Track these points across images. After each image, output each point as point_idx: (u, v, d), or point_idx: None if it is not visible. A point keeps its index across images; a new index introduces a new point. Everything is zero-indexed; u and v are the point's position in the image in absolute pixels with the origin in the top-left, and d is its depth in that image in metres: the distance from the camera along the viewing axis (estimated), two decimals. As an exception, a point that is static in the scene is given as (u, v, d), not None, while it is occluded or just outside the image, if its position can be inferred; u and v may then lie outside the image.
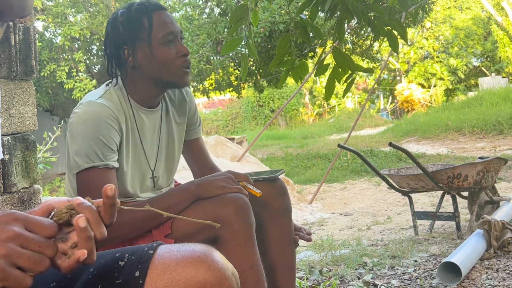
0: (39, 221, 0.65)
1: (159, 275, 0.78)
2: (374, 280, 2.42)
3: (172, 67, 1.48)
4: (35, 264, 0.62)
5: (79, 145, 1.38)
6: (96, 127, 1.38)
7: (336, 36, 2.17)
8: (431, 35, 23.91)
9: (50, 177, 10.76)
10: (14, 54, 1.84)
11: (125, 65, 1.49)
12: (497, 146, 10.28)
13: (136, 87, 1.51)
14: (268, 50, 9.49)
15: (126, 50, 1.47)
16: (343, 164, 9.60)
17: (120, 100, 1.49)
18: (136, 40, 1.46)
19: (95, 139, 1.38)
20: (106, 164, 1.38)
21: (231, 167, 6.67)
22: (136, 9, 1.47)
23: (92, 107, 1.41)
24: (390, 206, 5.74)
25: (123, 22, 1.47)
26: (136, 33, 1.46)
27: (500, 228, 2.77)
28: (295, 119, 23.38)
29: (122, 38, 1.47)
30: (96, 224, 0.68)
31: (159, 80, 1.49)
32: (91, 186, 1.35)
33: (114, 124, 1.42)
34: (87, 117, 1.40)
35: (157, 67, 1.47)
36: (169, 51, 1.47)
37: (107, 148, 1.39)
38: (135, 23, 1.46)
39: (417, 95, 22.03)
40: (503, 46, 22.22)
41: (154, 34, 1.46)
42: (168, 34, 1.47)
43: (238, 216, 1.35)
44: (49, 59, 10.27)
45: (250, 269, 1.36)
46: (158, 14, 1.47)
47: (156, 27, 1.46)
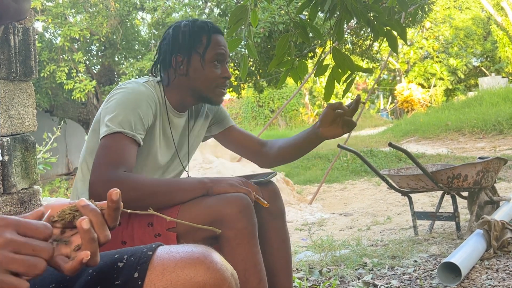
0: (32, 224, 0.64)
1: (158, 276, 0.78)
2: (374, 280, 2.42)
3: (213, 85, 1.61)
4: (30, 268, 0.62)
5: (116, 114, 1.45)
6: (137, 101, 1.49)
7: (336, 36, 2.17)
8: (431, 35, 23.92)
9: (50, 177, 10.77)
10: (14, 55, 1.84)
11: (172, 69, 1.61)
12: (497, 146, 10.28)
13: (177, 91, 1.63)
14: (268, 50, 9.49)
15: (179, 57, 1.60)
16: (343, 164, 9.60)
17: (158, 96, 1.60)
18: (191, 52, 1.59)
19: (133, 111, 1.47)
20: (133, 135, 1.44)
21: (230, 167, 6.67)
22: (199, 26, 1.61)
23: (138, 85, 1.54)
24: (390, 206, 5.74)
25: (184, 33, 1.60)
26: (193, 46, 1.59)
27: (500, 228, 2.77)
28: (295, 119, 23.38)
29: (179, 46, 1.60)
30: (100, 227, 0.68)
31: (199, 92, 1.62)
32: (112, 147, 1.40)
33: (152, 105, 1.53)
34: (131, 91, 1.51)
35: (202, 81, 1.60)
36: (216, 70, 1.61)
37: (140, 123, 1.47)
38: (195, 37, 1.60)
39: (417, 95, 22.04)
40: (503, 46, 22.22)
41: (209, 51, 1.60)
42: (219, 55, 1.61)
43: (242, 215, 1.36)
44: (48, 60, 10.27)
45: (253, 268, 1.37)
46: (216, 36, 1.62)
47: (212, 46, 1.60)
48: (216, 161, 6.98)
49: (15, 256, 0.61)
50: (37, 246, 0.63)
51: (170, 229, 1.40)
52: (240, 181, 1.46)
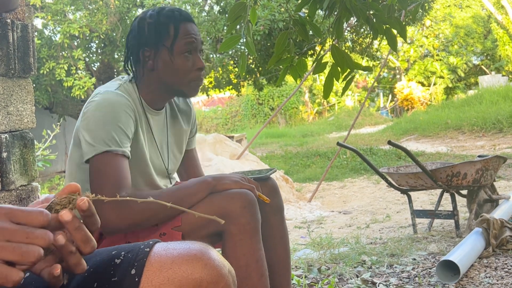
0: (26, 211, 0.62)
1: (155, 273, 0.78)
2: (373, 278, 2.42)
3: (186, 78, 1.53)
4: (23, 256, 0.59)
5: (97, 131, 1.39)
6: (115, 114, 1.41)
7: (335, 34, 2.17)
8: (431, 33, 23.90)
9: (49, 174, 10.77)
10: (12, 52, 1.84)
11: (142, 65, 1.53)
12: (497, 144, 10.29)
13: (148, 88, 1.55)
14: (268, 48, 9.48)
15: (146, 52, 1.51)
16: (342, 162, 9.60)
17: (132, 96, 1.53)
18: (159, 45, 1.50)
19: (113, 125, 1.39)
20: (123, 151, 1.39)
21: (230, 165, 6.67)
22: (165, 15, 1.51)
23: (111, 96, 1.44)
24: (389, 204, 5.74)
25: (150, 24, 1.51)
26: (160, 38, 1.50)
27: (498, 226, 2.77)
28: (295, 117, 23.39)
29: (146, 40, 1.51)
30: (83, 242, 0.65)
31: (171, 87, 1.54)
32: (106, 170, 1.36)
33: (131, 113, 1.45)
34: (106, 104, 1.42)
35: (172, 75, 1.52)
36: (187, 62, 1.52)
37: (124, 136, 1.41)
38: (162, 28, 1.50)
39: (416, 94, 22.04)
40: (503, 44, 22.21)
41: (177, 43, 1.50)
42: (189, 45, 1.52)
43: (246, 211, 1.37)
44: (48, 57, 10.26)
45: (255, 263, 1.37)
46: (185, 24, 1.52)
47: (180, 37, 1.50)
48: (215, 158, 6.98)
49: (5, 244, 0.58)
50: (31, 233, 0.60)
51: (175, 228, 1.40)
52: (243, 178, 1.47)
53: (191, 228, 1.39)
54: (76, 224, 0.65)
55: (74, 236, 0.65)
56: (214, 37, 9.82)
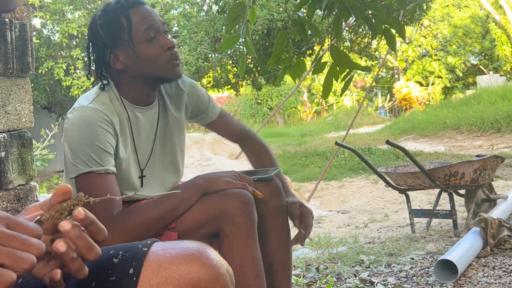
0: (23, 222, 0.62)
1: (153, 272, 0.78)
2: (371, 277, 2.42)
3: (159, 63, 1.44)
4: (17, 261, 0.58)
5: (76, 151, 1.36)
6: (91, 132, 1.36)
7: (334, 34, 2.17)
8: (429, 33, 23.92)
9: (47, 174, 10.75)
10: (10, 51, 1.84)
11: (113, 68, 1.47)
12: (495, 144, 10.30)
13: (127, 88, 1.48)
14: (266, 47, 9.49)
15: (110, 54, 1.44)
16: (340, 162, 9.61)
17: (112, 102, 1.46)
18: (117, 42, 1.43)
19: (91, 145, 1.35)
20: (106, 169, 1.36)
21: (228, 164, 6.67)
22: (113, 9, 1.43)
23: (85, 112, 1.38)
24: (387, 204, 5.75)
25: (102, 25, 1.44)
26: (116, 35, 1.42)
27: (496, 226, 2.78)
28: (293, 117, 23.39)
29: (103, 42, 1.43)
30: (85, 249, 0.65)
31: (149, 77, 1.47)
32: (93, 191, 1.32)
33: (108, 128, 1.40)
34: (81, 122, 1.37)
35: (143, 66, 1.44)
36: (153, 47, 1.43)
37: (104, 153, 1.37)
38: (114, 24, 1.42)
39: (415, 93, 22.05)
40: (501, 44, 22.24)
41: (135, 32, 1.42)
42: (149, 29, 1.43)
43: (242, 210, 1.36)
44: (47, 56, 10.25)
45: (251, 263, 1.37)
46: (135, 10, 1.43)
47: (135, 25, 1.42)
48: (214, 158, 6.98)
49: (1, 248, 0.58)
50: (26, 241, 0.60)
51: (171, 228, 1.40)
52: (234, 176, 1.45)
53: (186, 228, 1.39)
54: (77, 232, 0.65)
55: (76, 244, 0.65)
56: (213, 36, 9.81)
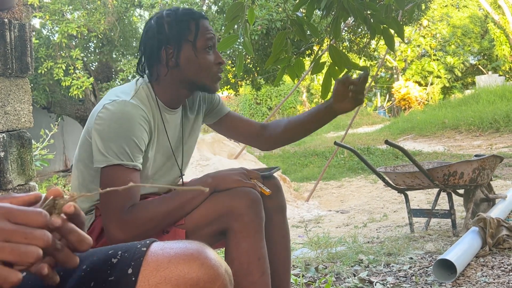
0: (25, 211, 0.60)
1: (152, 272, 0.78)
2: (370, 277, 2.43)
3: (209, 72, 1.52)
4: (22, 256, 0.57)
5: (111, 142, 1.38)
6: (130, 127, 1.40)
7: (332, 34, 2.17)
8: (428, 33, 23.94)
9: (47, 174, 10.75)
10: (10, 51, 1.84)
11: (162, 64, 1.50)
12: (494, 144, 10.31)
13: (166, 88, 1.53)
14: (265, 47, 9.49)
15: (168, 49, 1.49)
16: (340, 161, 9.61)
17: (149, 100, 1.50)
18: (181, 41, 1.49)
19: (127, 139, 1.39)
20: (134, 165, 1.39)
21: (228, 164, 6.67)
22: (183, 13, 1.51)
23: (127, 107, 1.41)
24: (386, 203, 5.75)
25: (170, 22, 1.49)
26: (182, 34, 1.49)
27: (495, 225, 2.78)
28: (293, 117, 23.38)
29: (167, 37, 1.49)
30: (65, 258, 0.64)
31: (194, 82, 1.53)
32: (117, 183, 1.35)
33: (146, 126, 1.44)
34: (121, 115, 1.40)
35: (197, 70, 1.51)
36: (209, 57, 1.52)
37: (137, 149, 1.40)
38: (183, 24, 1.50)
39: (414, 93, 22.06)
40: (500, 44, 22.26)
41: (199, 38, 1.50)
42: (210, 41, 1.52)
43: (250, 209, 1.38)
44: (46, 57, 10.24)
45: (257, 261, 1.39)
46: (204, 21, 1.53)
47: (201, 32, 1.51)
48: (213, 158, 6.98)
49: (4, 245, 0.57)
50: (30, 234, 0.59)
51: (179, 225, 1.41)
52: (243, 174, 1.48)
53: (194, 226, 1.41)
54: (68, 227, 0.64)
55: (68, 238, 0.64)
56: (212, 36, 9.80)
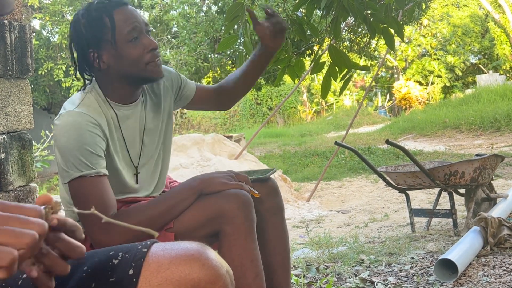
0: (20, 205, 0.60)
1: (153, 273, 0.78)
2: (371, 277, 2.42)
3: (141, 64, 1.44)
4: (17, 237, 0.56)
5: (66, 157, 1.36)
6: (79, 137, 1.36)
7: (332, 33, 2.17)
8: (428, 32, 23.93)
9: (48, 175, 10.76)
10: (10, 53, 1.84)
11: (96, 67, 1.46)
12: (494, 143, 10.30)
13: (111, 87, 1.48)
14: (266, 48, 9.46)
15: (92, 53, 1.44)
16: (340, 161, 9.61)
17: (99, 104, 1.46)
18: (100, 42, 1.42)
19: (80, 149, 1.35)
20: (97, 172, 1.36)
21: (228, 165, 6.67)
22: (96, 9, 1.42)
23: (71, 117, 1.38)
24: (387, 203, 5.75)
25: (85, 24, 1.43)
26: (99, 35, 1.42)
27: (496, 225, 2.78)
28: (293, 117, 23.39)
29: (86, 41, 1.43)
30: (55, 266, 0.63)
31: (132, 78, 1.47)
32: (86, 195, 1.34)
33: (97, 130, 1.39)
34: (68, 127, 1.37)
35: (126, 66, 1.44)
36: (136, 48, 1.43)
37: (94, 156, 1.36)
38: (97, 23, 1.42)
39: (414, 93, 22.06)
40: (501, 43, 22.25)
41: (118, 33, 1.41)
42: (132, 31, 1.43)
43: (240, 211, 1.37)
44: (46, 58, 10.25)
45: (250, 263, 1.38)
46: (119, 11, 1.43)
47: (118, 25, 1.42)
48: (214, 158, 6.98)
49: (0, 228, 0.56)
50: (25, 219, 0.58)
51: (168, 229, 1.40)
52: (230, 176, 1.45)
53: (184, 229, 1.39)
54: (56, 236, 0.63)
55: (58, 247, 0.63)
56: (212, 37, 9.82)
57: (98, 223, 1.31)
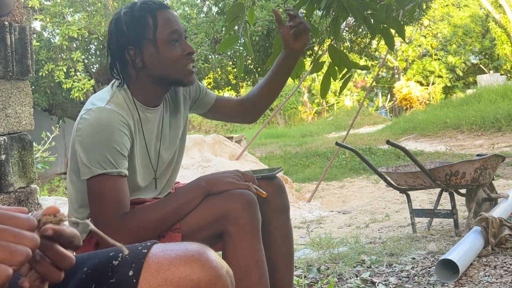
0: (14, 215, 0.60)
1: (153, 274, 0.78)
2: (372, 277, 2.42)
3: (178, 66, 1.47)
4: (12, 254, 0.56)
5: (92, 152, 1.36)
6: (109, 135, 1.37)
7: (332, 34, 2.17)
8: (429, 32, 23.92)
9: (49, 176, 10.76)
10: (10, 54, 1.84)
11: (130, 65, 1.47)
12: (495, 143, 10.29)
13: (141, 88, 1.49)
14: (266, 48, 9.49)
15: (131, 51, 1.45)
16: (341, 162, 9.60)
17: (126, 103, 1.47)
18: (141, 40, 1.44)
19: (108, 147, 1.36)
20: (119, 172, 1.37)
21: (229, 166, 6.67)
22: (140, 8, 1.45)
23: (103, 114, 1.39)
24: (388, 203, 5.74)
25: (127, 22, 1.45)
26: (141, 33, 1.44)
27: (497, 225, 2.77)
28: (294, 118, 23.39)
29: (127, 38, 1.45)
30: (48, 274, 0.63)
31: (165, 79, 1.49)
32: (104, 192, 1.34)
33: (126, 130, 1.41)
34: (99, 124, 1.37)
35: (163, 66, 1.46)
36: (174, 50, 1.46)
37: (120, 155, 1.38)
38: (140, 22, 1.44)
39: (415, 93, 22.05)
40: (501, 43, 22.23)
41: (159, 33, 1.44)
42: (173, 33, 1.46)
43: (246, 211, 1.37)
44: (47, 59, 10.25)
45: (255, 264, 1.37)
46: (162, 12, 1.46)
47: (161, 26, 1.44)
48: (214, 159, 6.98)
49: None
50: (20, 233, 0.58)
51: (175, 230, 1.40)
52: (237, 176, 1.46)
53: (190, 230, 1.39)
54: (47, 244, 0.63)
55: (48, 256, 0.63)
56: (213, 38, 9.82)
57: (110, 224, 1.33)
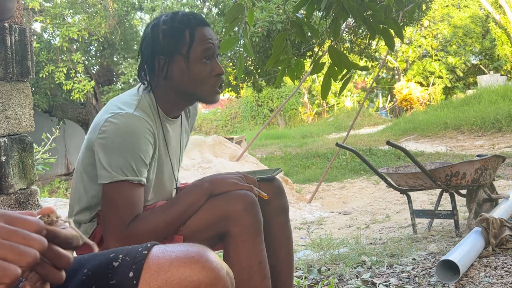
0: (23, 217, 0.61)
1: (153, 275, 0.78)
2: (373, 278, 2.42)
3: (205, 85, 1.47)
4: (20, 255, 0.57)
5: (115, 158, 1.35)
6: (135, 142, 1.36)
7: (332, 34, 2.17)
8: (429, 33, 23.92)
9: (49, 178, 10.76)
10: (10, 56, 1.84)
11: (158, 74, 1.46)
12: (496, 144, 10.29)
13: (165, 97, 1.49)
14: (266, 49, 9.48)
15: (161, 60, 1.45)
16: (342, 163, 9.60)
17: (151, 109, 1.47)
18: (174, 52, 1.44)
19: (133, 153, 1.35)
20: (139, 180, 1.36)
21: (229, 167, 6.67)
22: (180, 21, 1.44)
23: (132, 121, 1.37)
24: (388, 204, 5.74)
25: (164, 31, 1.44)
26: (175, 46, 1.43)
27: (498, 225, 2.77)
28: (294, 119, 23.39)
29: (160, 47, 1.44)
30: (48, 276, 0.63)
31: (190, 95, 1.49)
32: (121, 199, 1.34)
33: (151, 138, 1.41)
34: (126, 130, 1.36)
35: (190, 83, 1.46)
36: (205, 68, 1.46)
37: (143, 164, 1.37)
38: (177, 34, 1.43)
39: (415, 94, 22.04)
40: (501, 44, 22.23)
41: (193, 50, 1.44)
42: (207, 51, 1.45)
43: (247, 212, 1.37)
44: (47, 60, 10.25)
45: (258, 265, 1.38)
46: (201, 29, 1.45)
47: (196, 43, 1.44)
48: (215, 160, 6.98)
49: (4, 242, 0.57)
50: (28, 235, 0.58)
51: (177, 231, 1.41)
52: (239, 177, 1.46)
53: (192, 231, 1.40)
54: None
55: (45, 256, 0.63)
56: (213, 39, 9.80)
57: (120, 230, 1.32)
